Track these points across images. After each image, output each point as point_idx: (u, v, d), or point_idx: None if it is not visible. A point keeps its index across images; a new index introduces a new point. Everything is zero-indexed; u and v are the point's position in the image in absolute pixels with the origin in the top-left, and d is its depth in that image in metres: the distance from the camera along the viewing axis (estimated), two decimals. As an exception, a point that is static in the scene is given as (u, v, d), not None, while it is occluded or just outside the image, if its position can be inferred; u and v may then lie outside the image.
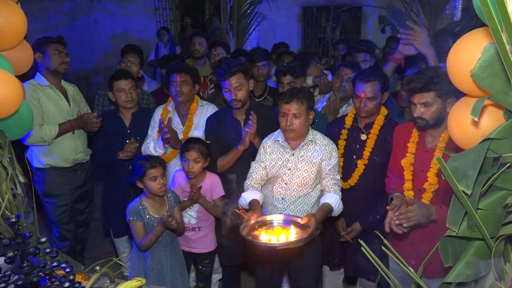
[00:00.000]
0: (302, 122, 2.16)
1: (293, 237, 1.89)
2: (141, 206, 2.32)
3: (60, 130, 2.79)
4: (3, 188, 1.80)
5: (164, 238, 2.37)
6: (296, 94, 2.16)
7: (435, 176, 2.01)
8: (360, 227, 2.51)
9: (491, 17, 0.93)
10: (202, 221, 2.63)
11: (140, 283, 1.81)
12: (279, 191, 2.30)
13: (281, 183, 2.29)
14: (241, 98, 2.46)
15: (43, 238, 1.37)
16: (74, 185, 2.99)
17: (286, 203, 2.29)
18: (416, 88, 1.95)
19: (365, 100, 2.34)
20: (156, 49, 6.28)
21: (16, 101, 1.84)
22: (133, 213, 2.30)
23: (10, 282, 1.30)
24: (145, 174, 2.28)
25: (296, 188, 2.26)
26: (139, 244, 2.30)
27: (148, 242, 2.28)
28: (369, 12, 7.57)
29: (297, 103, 2.14)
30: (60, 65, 2.81)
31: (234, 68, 2.41)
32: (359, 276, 2.73)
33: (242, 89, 2.45)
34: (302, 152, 2.24)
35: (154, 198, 2.35)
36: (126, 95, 2.82)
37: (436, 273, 2.00)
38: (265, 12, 6.04)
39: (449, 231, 1.19)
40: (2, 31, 1.82)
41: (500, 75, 1.04)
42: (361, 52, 3.38)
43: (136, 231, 2.30)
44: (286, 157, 2.27)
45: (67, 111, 2.89)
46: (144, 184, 2.31)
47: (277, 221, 2.08)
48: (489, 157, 1.11)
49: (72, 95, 2.97)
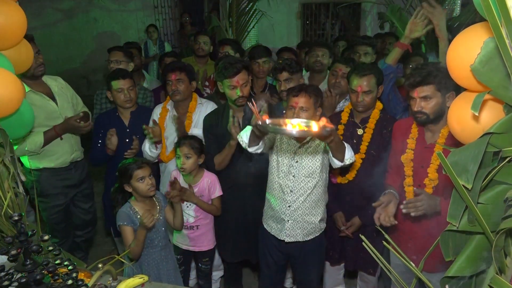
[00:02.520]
0: (309, 116, 2.12)
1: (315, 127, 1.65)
2: (132, 211, 2.24)
3: (46, 138, 2.67)
4: (5, 187, 1.80)
5: (159, 242, 2.32)
6: (305, 88, 2.15)
7: (435, 171, 2.02)
8: (359, 221, 2.52)
9: (490, 11, 0.93)
10: (200, 219, 2.62)
11: (142, 280, 1.83)
12: (287, 184, 2.29)
13: (288, 176, 2.28)
14: (247, 94, 2.45)
15: (46, 236, 1.38)
16: (68, 184, 2.93)
17: (295, 195, 2.27)
18: (416, 82, 1.95)
19: (362, 94, 2.35)
20: (145, 47, 6.27)
21: (17, 100, 1.84)
22: (123, 218, 2.21)
23: (13, 280, 1.31)
24: (132, 176, 2.20)
25: (304, 179, 2.25)
26: (130, 250, 2.18)
27: (135, 249, 2.17)
28: (368, 8, 7.57)
29: (305, 96, 2.13)
30: (36, 69, 2.60)
31: (238, 65, 2.38)
32: (359, 270, 2.75)
33: (247, 85, 2.44)
34: (308, 144, 2.24)
35: (144, 201, 2.28)
36: (124, 95, 2.78)
37: (437, 267, 2.01)
38: (264, 9, 6.02)
39: (449, 225, 1.20)
40: (2, 30, 1.82)
41: (500, 70, 1.04)
42: (363, 45, 3.38)
43: (125, 237, 2.20)
44: (294, 150, 2.27)
45: (55, 112, 2.75)
46: (132, 186, 2.23)
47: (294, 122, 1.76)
48: (489, 152, 1.12)
49: (57, 92, 2.81)
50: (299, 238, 2.32)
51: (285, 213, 2.29)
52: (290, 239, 2.32)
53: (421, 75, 1.93)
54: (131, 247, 2.16)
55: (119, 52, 3.34)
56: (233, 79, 2.38)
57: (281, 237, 2.33)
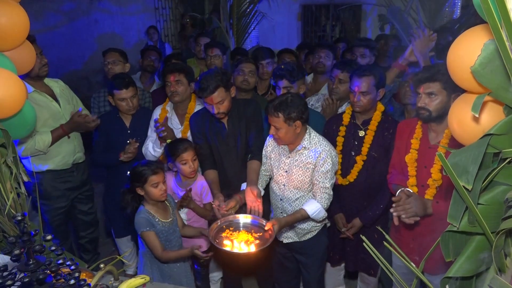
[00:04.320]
0: (284, 132, 2.14)
1: (252, 248, 1.99)
2: (150, 215, 2.25)
3: (54, 137, 2.69)
4: (7, 187, 1.81)
5: (176, 242, 2.35)
6: (274, 108, 2.11)
7: (438, 172, 2.03)
8: (360, 223, 2.53)
9: (490, 14, 0.94)
10: (193, 222, 2.63)
11: (144, 280, 1.83)
12: (278, 192, 2.37)
13: (279, 184, 2.35)
14: (224, 110, 2.38)
15: (49, 236, 1.39)
16: (70, 187, 2.94)
17: (285, 203, 2.35)
18: (423, 78, 1.97)
19: (359, 94, 2.36)
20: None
21: (19, 101, 1.85)
22: (143, 224, 2.20)
23: (16, 279, 1.31)
24: (147, 181, 2.20)
25: (292, 190, 2.31)
26: (159, 254, 2.18)
27: (172, 256, 2.23)
28: (368, 10, 7.58)
29: (272, 116, 2.12)
30: (40, 69, 2.64)
31: (213, 85, 2.28)
32: (359, 271, 2.76)
33: (224, 102, 2.35)
34: (297, 156, 2.26)
35: (156, 204, 2.29)
36: (127, 104, 2.79)
37: (439, 269, 2.02)
38: (264, 11, 6.05)
39: (450, 226, 1.20)
40: (4, 31, 1.83)
41: (500, 72, 1.05)
42: (360, 47, 3.40)
43: (152, 243, 2.19)
44: (283, 160, 2.31)
45: (58, 113, 2.78)
46: (145, 190, 2.23)
47: (244, 222, 2.20)
48: (489, 153, 1.12)
49: (59, 93, 2.84)
50: (296, 239, 2.42)
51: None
52: (288, 240, 2.42)
53: (430, 72, 1.96)
54: (167, 252, 2.19)
55: (115, 52, 3.34)
56: (208, 99, 2.33)
57: (280, 238, 2.44)
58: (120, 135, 2.89)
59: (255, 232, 2.12)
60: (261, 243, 2.01)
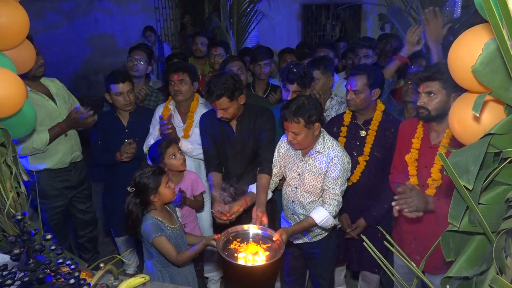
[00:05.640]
0: (303, 137, 2.11)
1: (261, 260, 1.93)
2: (158, 221, 2.15)
3: (51, 135, 2.68)
4: (7, 187, 1.81)
5: (183, 246, 2.28)
6: (293, 113, 2.06)
7: (438, 172, 2.03)
8: (364, 223, 2.53)
9: (492, 13, 0.94)
10: (186, 217, 2.65)
11: (144, 280, 1.83)
12: (290, 194, 2.36)
13: (291, 187, 2.34)
14: (228, 116, 2.34)
15: (49, 235, 1.38)
16: (68, 185, 2.94)
17: (296, 206, 2.34)
18: (423, 77, 1.98)
19: (351, 92, 2.38)
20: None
21: (19, 100, 1.85)
22: (154, 229, 2.09)
23: (16, 279, 1.31)
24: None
25: (304, 194, 2.29)
26: (174, 258, 2.08)
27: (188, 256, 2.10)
28: (368, 9, 7.57)
29: (292, 122, 2.08)
30: (37, 70, 2.64)
31: (217, 92, 2.23)
32: (363, 270, 2.76)
33: (229, 109, 2.31)
34: (311, 161, 2.23)
35: (162, 209, 2.21)
36: (124, 99, 2.80)
37: (441, 269, 2.02)
38: (265, 10, 6.03)
39: (450, 226, 1.20)
40: (4, 30, 1.83)
41: (501, 71, 1.05)
42: (362, 48, 3.40)
43: (165, 247, 2.08)
44: (296, 163, 2.29)
45: (55, 112, 2.77)
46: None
47: (252, 233, 2.11)
48: (490, 152, 1.12)
49: (55, 92, 2.84)
50: (306, 240, 2.41)
51: (290, 218, 2.41)
52: (298, 241, 2.41)
53: (430, 71, 1.96)
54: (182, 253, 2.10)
55: (143, 52, 3.37)
56: (212, 103, 2.31)
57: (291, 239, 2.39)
58: (118, 134, 2.89)
59: (263, 243, 2.04)
60: (271, 255, 1.95)
